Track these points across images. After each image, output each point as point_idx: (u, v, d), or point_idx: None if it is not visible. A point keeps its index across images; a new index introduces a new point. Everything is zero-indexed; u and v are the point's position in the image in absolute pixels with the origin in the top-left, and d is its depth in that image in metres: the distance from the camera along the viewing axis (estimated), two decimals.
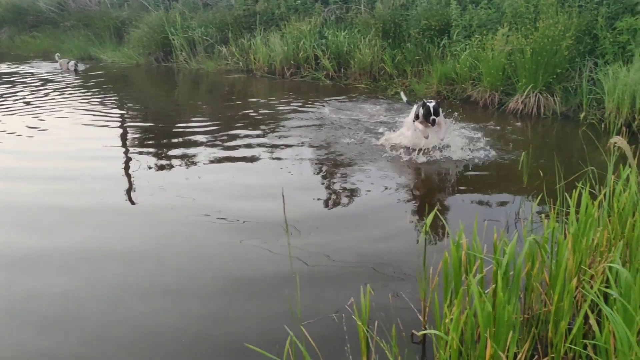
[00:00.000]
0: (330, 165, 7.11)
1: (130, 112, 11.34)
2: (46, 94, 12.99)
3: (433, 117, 6.49)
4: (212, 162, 7.40)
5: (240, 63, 15.09)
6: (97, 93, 13.26)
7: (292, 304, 3.55)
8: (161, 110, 11.53)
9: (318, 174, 6.80)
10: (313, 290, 3.99)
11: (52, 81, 15.08)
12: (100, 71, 16.94)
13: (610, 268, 2.78)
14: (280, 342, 2.51)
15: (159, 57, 17.54)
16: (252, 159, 7.47)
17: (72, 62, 16.95)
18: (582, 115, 8.22)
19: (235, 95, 12.78)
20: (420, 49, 11.49)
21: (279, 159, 7.47)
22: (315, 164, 7.15)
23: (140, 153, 8.18)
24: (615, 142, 3.46)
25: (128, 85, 15.16)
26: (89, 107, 11.59)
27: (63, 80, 15.21)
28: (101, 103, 12.00)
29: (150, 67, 17.49)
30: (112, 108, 11.53)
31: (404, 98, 8.98)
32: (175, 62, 17.00)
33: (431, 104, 6.56)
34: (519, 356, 2.80)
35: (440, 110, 6.68)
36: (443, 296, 2.98)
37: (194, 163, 7.44)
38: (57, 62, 17.70)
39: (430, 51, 11.27)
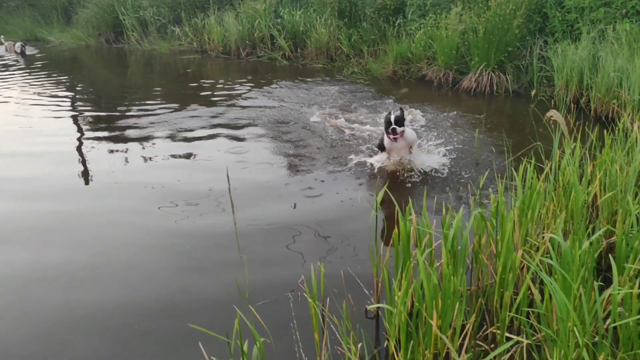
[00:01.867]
0: (286, 147, 7.08)
1: (81, 96, 10.99)
2: None
3: (394, 126, 5.41)
4: (166, 146, 7.26)
5: (194, 43, 14.81)
6: (45, 76, 12.79)
7: (241, 287, 3.54)
8: (113, 94, 11.22)
9: (273, 155, 6.76)
10: (263, 272, 3.98)
11: None
12: (49, 53, 16.34)
13: (550, 239, 2.86)
14: (229, 325, 2.50)
15: (109, 38, 17.03)
16: (207, 143, 7.35)
17: (18, 44, 16.29)
18: (532, 93, 8.40)
19: (189, 76, 12.54)
20: (376, 28, 11.51)
21: (236, 139, 7.38)
22: (271, 145, 7.10)
23: (92, 139, 7.94)
24: (552, 116, 3.56)
25: (78, 68, 14.68)
26: (38, 91, 11.18)
27: (9, 64, 14.60)
28: (50, 87, 11.60)
29: (101, 48, 16.97)
30: (62, 92, 11.16)
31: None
32: (126, 43, 16.54)
33: (393, 114, 5.55)
34: (467, 327, 2.87)
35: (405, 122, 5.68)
36: (394, 272, 3.02)
37: (147, 148, 7.29)
38: (2, 44, 16.98)
39: (386, 30, 11.29)
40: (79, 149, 7.48)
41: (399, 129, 5.40)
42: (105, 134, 8.29)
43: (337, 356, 2.94)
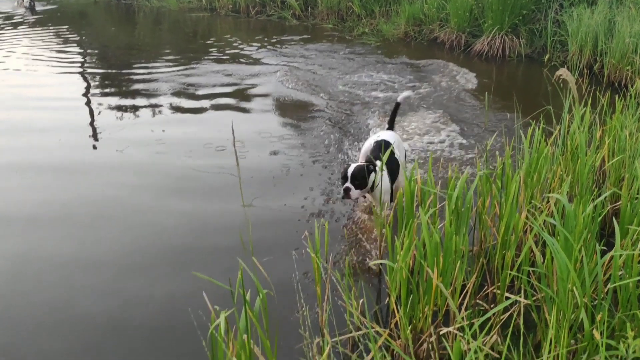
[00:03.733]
0: (290, 104, 7.04)
1: (89, 54, 10.93)
2: None
3: (348, 185, 3.75)
4: (173, 111, 7.17)
5: (204, 1, 14.59)
6: (54, 32, 12.70)
7: (245, 242, 3.58)
8: (121, 51, 11.13)
9: (277, 110, 6.70)
10: (267, 233, 4.02)
11: (5, 20, 14.34)
12: (57, 9, 16.18)
13: (556, 201, 2.86)
14: (233, 278, 2.54)
15: None
16: (215, 108, 7.22)
17: (27, 0, 16.13)
18: (546, 57, 8.25)
19: (198, 35, 12.40)
20: None
21: (242, 96, 7.32)
22: (278, 114, 7.00)
23: (100, 95, 7.95)
24: (561, 75, 3.50)
25: (87, 24, 14.56)
26: (46, 46, 11.12)
27: (18, 19, 14.49)
28: (59, 43, 11.53)
29: (109, 4, 16.78)
30: (71, 48, 11.09)
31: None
32: (135, 0, 16.32)
33: (352, 166, 3.82)
34: (467, 286, 2.90)
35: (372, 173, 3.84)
36: (397, 231, 3.04)
37: (153, 113, 7.24)
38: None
39: None
40: (87, 104, 7.49)
41: (354, 191, 3.73)
42: (113, 89, 8.29)
43: (339, 311, 2.99)
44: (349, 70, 8.57)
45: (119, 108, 7.25)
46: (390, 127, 4.58)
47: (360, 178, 3.73)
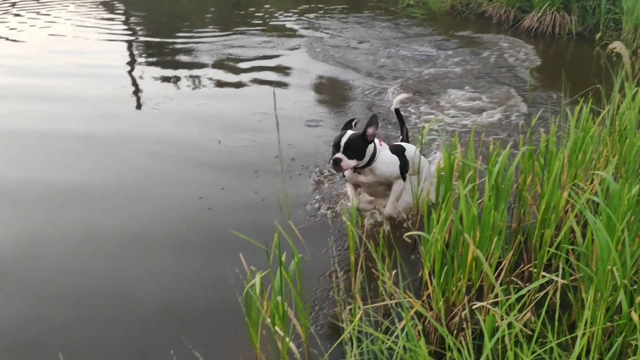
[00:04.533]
0: (331, 93, 6.96)
1: (133, 22, 11.06)
2: (44, 2, 12.62)
3: (338, 155, 3.29)
4: (213, 84, 7.20)
5: None
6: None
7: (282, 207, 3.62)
8: (165, 19, 11.24)
9: (316, 102, 6.53)
10: (305, 200, 4.05)
11: None
12: None
13: (600, 180, 2.78)
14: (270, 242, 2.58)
15: None
16: (253, 82, 7.18)
17: None
18: (597, 36, 7.95)
19: (242, 3, 12.38)
20: None
21: (281, 84, 7.21)
22: (317, 90, 6.93)
23: (143, 64, 8.05)
24: (615, 48, 3.37)
25: None
26: (91, 13, 11.31)
27: None
28: (103, 10, 11.70)
29: None
30: (115, 16, 11.25)
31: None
32: None
33: (347, 133, 3.35)
34: (503, 263, 2.88)
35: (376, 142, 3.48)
36: (435, 204, 3.03)
37: (195, 76, 7.33)
38: None
39: None
40: (130, 73, 7.62)
41: (346, 162, 3.26)
42: (156, 59, 8.40)
43: (373, 281, 3.01)
44: (393, 44, 8.45)
45: (162, 79, 7.35)
46: (405, 138, 4.06)
47: (356, 147, 3.27)
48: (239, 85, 7.03)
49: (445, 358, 1.93)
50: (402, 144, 3.82)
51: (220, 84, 7.07)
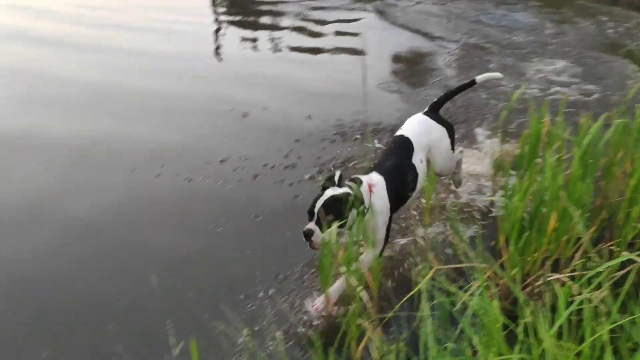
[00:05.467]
0: (413, 65, 6.82)
1: None
2: None
3: (308, 226, 2.61)
4: (293, 38, 7.24)
5: None
6: None
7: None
8: None
9: (395, 75, 6.39)
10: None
11: None
12: None
13: None
14: None
15: None
16: (331, 50, 7.11)
17: None
18: None
19: None
20: None
21: (360, 52, 7.08)
22: (397, 62, 6.78)
23: (225, 22, 8.17)
24: None
25: None
26: None
27: None
28: None
29: None
30: None
31: None
32: None
33: (323, 195, 2.67)
34: (582, 238, 2.79)
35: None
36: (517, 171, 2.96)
37: (275, 38, 7.38)
38: None
39: None
40: (214, 32, 7.77)
41: (320, 236, 2.53)
42: (239, 18, 8.51)
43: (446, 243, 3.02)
44: (482, 9, 8.13)
45: (242, 39, 7.48)
46: (435, 107, 3.32)
47: (335, 214, 2.55)
48: (317, 51, 7.02)
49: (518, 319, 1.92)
50: (411, 127, 3.13)
51: (299, 49, 7.09)
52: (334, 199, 2.59)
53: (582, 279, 2.18)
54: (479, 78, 3.43)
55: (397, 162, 2.91)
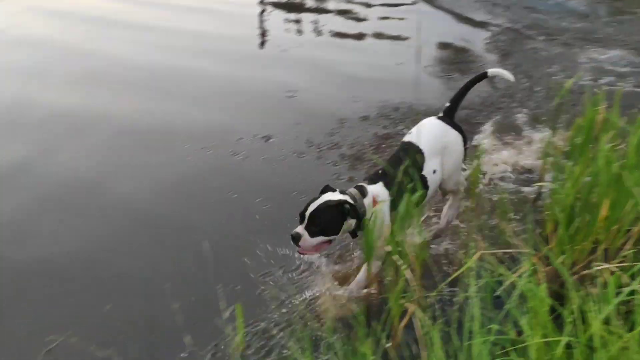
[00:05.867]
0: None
1: None
2: None
3: (297, 230, 2.57)
4: (337, 23, 7.20)
5: None
6: None
7: None
8: None
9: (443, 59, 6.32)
10: None
11: None
12: None
13: None
14: None
15: None
16: (380, 35, 7.02)
17: None
18: None
19: None
20: None
21: (400, 38, 6.93)
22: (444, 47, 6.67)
23: (270, 4, 8.16)
24: None
25: None
26: None
27: None
28: None
29: None
30: None
31: None
32: None
33: (318, 199, 2.61)
34: (634, 230, 2.73)
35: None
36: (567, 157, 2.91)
37: (320, 21, 7.36)
38: None
39: None
40: (259, 14, 7.78)
41: (308, 240, 2.54)
42: (284, 0, 8.49)
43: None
44: None
45: (286, 21, 7.48)
46: (449, 112, 3.05)
47: (326, 221, 2.51)
48: (359, 36, 6.97)
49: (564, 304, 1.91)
50: (421, 133, 2.87)
51: (342, 33, 7.03)
52: (328, 205, 2.51)
53: (631, 270, 2.15)
54: (491, 71, 3.24)
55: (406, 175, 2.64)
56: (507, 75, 3.19)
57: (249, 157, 4.14)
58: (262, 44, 6.75)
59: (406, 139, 2.89)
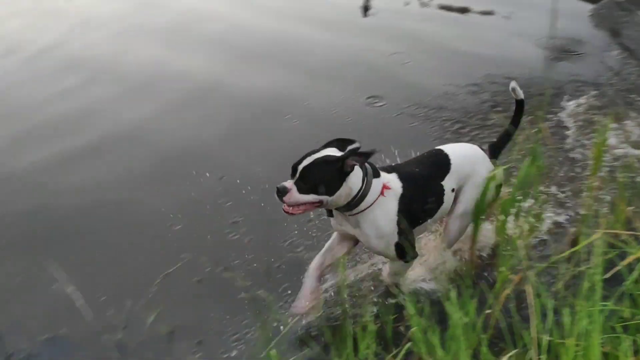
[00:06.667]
0: None
1: None
2: None
3: (284, 183, 2.27)
4: (440, 6, 7.00)
5: None
6: None
7: None
8: None
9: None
10: None
11: None
12: None
13: None
14: None
15: None
16: (483, 12, 6.78)
17: None
18: None
19: None
20: None
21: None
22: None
23: None
24: None
25: None
26: None
27: None
28: None
29: None
30: None
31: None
32: None
33: (314, 154, 2.31)
34: None
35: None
36: None
37: (423, 3, 7.15)
38: None
39: None
40: None
41: (295, 195, 2.24)
42: None
43: None
44: None
45: None
46: (494, 151, 2.73)
47: (318, 177, 2.21)
48: (464, 10, 6.76)
49: None
50: (455, 149, 2.61)
51: (445, 6, 6.83)
52: (326, 160, 2.22)
53: None
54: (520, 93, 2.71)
55: (425, 176, 2.46)
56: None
57: (357, 122, 4.21)
58: (366, 14, 6.69)
59: (438, 147, 2.66)
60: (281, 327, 2.36)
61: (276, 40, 5.80)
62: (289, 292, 2.68)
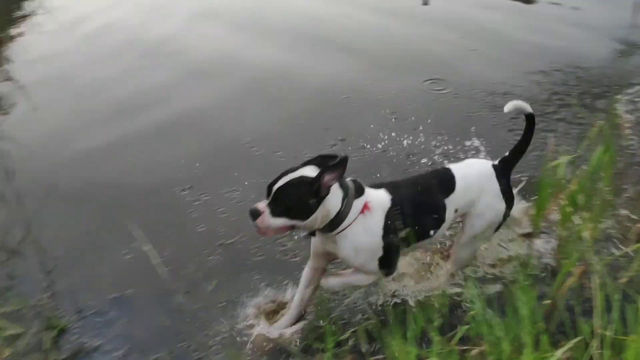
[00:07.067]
0: None
1: None
2: None
3: (257, 205, 2.13)
4: None
5: None
6: None
7: None
8: None
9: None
10: None
11: None
12: None
13: None
14: None
15: None
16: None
17: None
18: None
19: None
20: None
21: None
22: None
23: None
24: None
25: None
26: None
27: None
28: None
29: None
30: None
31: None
32: None
33: (290, 174, 2.13)
34: None
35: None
36: None
37: None
38: None
39: None
40: None
41: (266, 219, 2.09)
42: None
43: None
44: None
45: None
46: (505, 164, 2.48)
47: (291, 200, 2.06)
48: (529, 0, 6.59)
49: None
50: (463, 168, 2.44)
51: None
52: (301, 181, 2.05)
53: None
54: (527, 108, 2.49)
55: (423, 192, 2.29)
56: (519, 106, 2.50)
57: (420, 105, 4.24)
58: (428, 4, 6.62)
59: (447, 165, 2.53)
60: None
61: (341, 26, 5.82)
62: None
